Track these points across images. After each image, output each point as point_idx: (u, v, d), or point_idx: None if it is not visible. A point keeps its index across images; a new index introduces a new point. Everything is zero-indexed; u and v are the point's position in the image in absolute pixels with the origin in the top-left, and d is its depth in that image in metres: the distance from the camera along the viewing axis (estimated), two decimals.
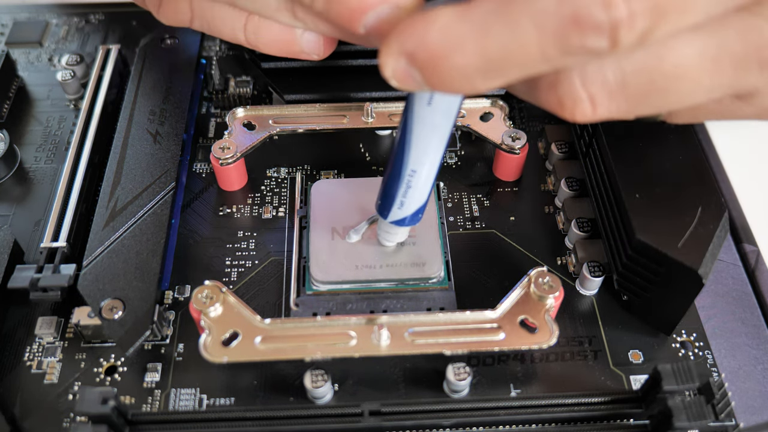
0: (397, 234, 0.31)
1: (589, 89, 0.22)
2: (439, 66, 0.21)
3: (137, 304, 0.30)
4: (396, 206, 0.29)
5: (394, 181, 0.28)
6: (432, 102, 0.25)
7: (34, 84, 0.43)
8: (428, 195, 0.29)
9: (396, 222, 0.30)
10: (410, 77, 0.22)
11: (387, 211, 0.30)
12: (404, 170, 0.27)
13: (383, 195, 0.29)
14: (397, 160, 0.27)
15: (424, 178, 0.28)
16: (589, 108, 0.22)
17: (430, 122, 0.26)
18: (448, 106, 0.25)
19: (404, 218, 0.30)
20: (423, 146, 0.27)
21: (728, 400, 0.27)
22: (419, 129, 0.26)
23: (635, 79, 0.22)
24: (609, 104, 0.22)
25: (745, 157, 0.40)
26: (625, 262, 0.30)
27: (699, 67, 0.22)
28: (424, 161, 0.27)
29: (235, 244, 0.35)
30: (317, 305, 0.31)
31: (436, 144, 0.27)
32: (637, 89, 0.22)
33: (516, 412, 0.27)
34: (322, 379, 0.29)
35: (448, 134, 0.27)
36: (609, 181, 0.31)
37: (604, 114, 0.23)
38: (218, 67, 0.43)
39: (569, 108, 0.22)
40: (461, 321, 0.29)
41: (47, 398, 0.30)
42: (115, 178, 0.34)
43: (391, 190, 0.29)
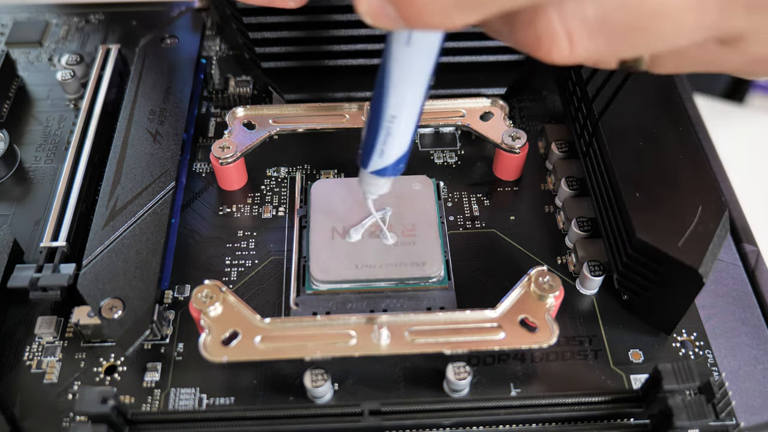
0: (379, 185, 0.30)
1: (567, 25, 0.21)
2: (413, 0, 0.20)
3: (137, 303, 0.30)
4: (376, 155, 0.28)
5: (374, 127, 0.27)
6: (410, 42, 0.24)
7: (34, 84, 0.43)
8: (409, 143, 0.28)
9: (377, 172, 0.29)
10: (385, 13, 0.21)
11: (368, 160, 0.29)
12: (384, 116, 0.27)
13: (363, 144, 0.29)
14: (377, 105, 0.27)
15: (404, 125, 0.27)
16: (566, 46, 0.22)
17: (409, 64, 0.25)
18: (427, 46, 0.24)
19: (385, 168, 0.29)
20: (402, 90, 0.26)
21: (728, 400, 0.27)
22: (398, 72, 0.25)
23: (616, 16, 0.21)
24: (588, 43, 0.22)
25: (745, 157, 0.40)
26: (626, 262, 0.30)
27: (682, 5, 0.21)
28: (404, 106, 0.26)
29: (235, 243, 0.35)
30: (317, 305, 0.31)
31: (416, 87, 0.26)
32: (617, 27, 0.21)
33: (516, 411, 0.27)
34: (322, 379, 0.29)
35: (428, 77, 0.26)
36: (609, 181, 0.31)
37: (583, 53, 0.22)
38: (218, 67, 0.43)
39: (546, 45, 0.22)
40: (461, 320, 0.29)
41: (47, 398, 0.30)
42: (115, 178, 0.34)
43: (371, 138, 0.28)
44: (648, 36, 0.22)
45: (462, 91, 0.38)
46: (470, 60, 0.39)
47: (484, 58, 0.39)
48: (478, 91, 0.38)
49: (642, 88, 0.33)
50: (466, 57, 0.39)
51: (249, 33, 0.38)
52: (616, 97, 0.33)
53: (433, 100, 0.38)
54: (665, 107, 0.33)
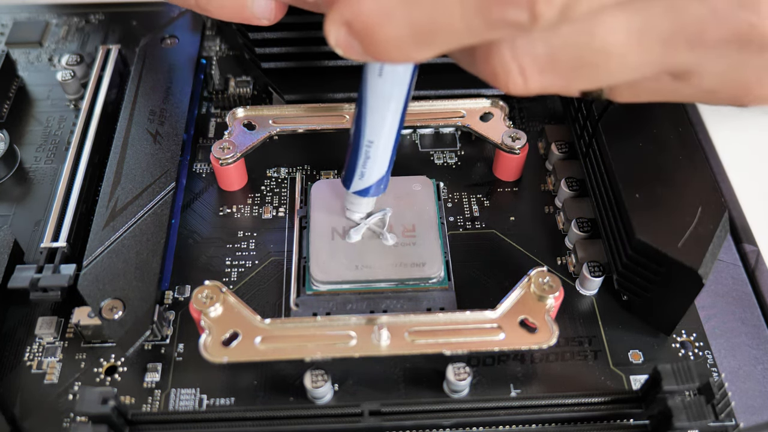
0: (361, 205, 0.32)
1: (519, 62, 0.22)
2: (373, 36, 0.22)
3: (137, 304, 0.30)
4: (357, 176, 0.30)
5: (354, 151, 0.29)
6: (382, 73, 0.26)
7: (34, 84, 0.43)
8: (388, 166, 0.30)
9: (359, 192, 0.31)
10: (351, 47, 0.22)
11: (349, 182, 0.31)
12: (362, 141, 0.28)
13: (346, 166, 0.30)
14: (356, 131, 0.28)
15: (382, 149, 0.29)
16: (520, 80, 0.23)
17: (382, 93, 0.26)
18: (398, 77, 0.26)
19: (367, 188, 0.31)
20: (378, 117, 0.27)
21: (728, 400, 0.27)
22: (373, 100, 0.27)
23: (564, 53, 0.22)
24: (540, 77, 0.23)
25: (745, 157, 0.40)
26: (625, 262, 0.30)
27: (626, 43, 0.22)
28: (381, 132, 0.28)
29: (235, 244, 0.35)
30: (317, 305, 0.31)
31: (391, 115, 0.27)
32: (566, 63, 0.22)
33: (516, 412, 0.27)
34: (322, 379, 0.29)
35: (402, 105, 0.27)
36: (609, 181, 0.31)
37: (537, 86, 0.23)
38: (218, 67, 0.43)
39: (502, 79, 0.23)
40: (461, 321, 0.29)
41: (47, 398, 0.30)
42: (115, 178, 0.34)
43: (352, 161, 0.30)
44: (596, 71, 0.23)
45: (462, 92, 0.38)
46: None
47: None
48: (478, 91, 0.38)
49: None
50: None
51: (249, 33, 0.38)
52: None
53: (433, 100, 0.38)
54: (665, 107, 0.33)
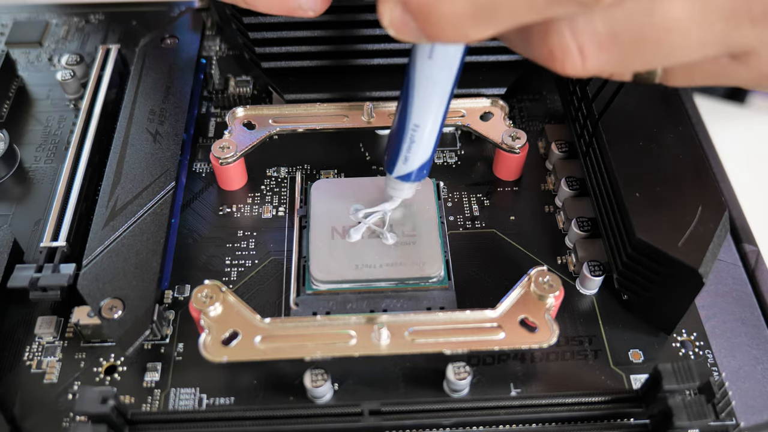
0: (403, 190, 0.32)
1: (578, 40, 0.22)
2: (431, 13, 0.21)
3: (137, 303, 0.30)
4: (401, 161, 0.30)
5: (399, 136, 0.29)
6: (433, 55, 0.26)
7: (34, 84, 0.43)
8: (432, 151, 0.30)
9: (401, 177, 0.31)
10: (406, 26, 0.22)
11: (393, 166, 0.30)
12: (407, 125, 0.28)
13: (389, 150, 0.30)
14: (401, 115, 0.28)
15: (427, 134, 0.29)
16: (578, 59, 0.22)
17: (431, 76, 0.26)
18: (448, 60, 0.26)
19: (410, 173, 0.30)
20: (425, 101, 0.27)
21: (728, 400, 0.27)
22: (421, 83, 0.27)
23: (625, 30, 0.22)
24: (599, 56, 0.22)
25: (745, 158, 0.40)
26: (626, 261, 0.30)
27: (688, 19, 0.22)
28: (427, 116, 0.28)
29: (235, 243, 0.35)
30: (317, 305, 0.31)
31: (438, 98, 0.27)
32: (627, 41, 0.22)
33: (516, 411, 0.27)
34: (322, 379, 0.29)
35: (450, 89, 0.27)
36: (609, 181, 0.31)
37: (595, 66, 0.23)
38: (218, 67, 0.43)
39: (559, 59, 0.23)
40: (461, 320, 0.29)
41: (47, 398, 0.30)
42: (115, 178, 0.34)
43: (396, 145, 0.29)
44: (657, 50, 0.23)
45: (462, 91, 0.38)
46: (470, 60, 0.39)
47: (484, 58, 0.39)
48: (478, 91, 0.38)
49: (642, 88, 0.33)
50: (466, 57, 0.39)
51: (249, 33, 0.38)
52: (616, 97, 0.33)
53: None
54: (665, 107, 0.33)
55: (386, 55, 0.39)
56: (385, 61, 0.39)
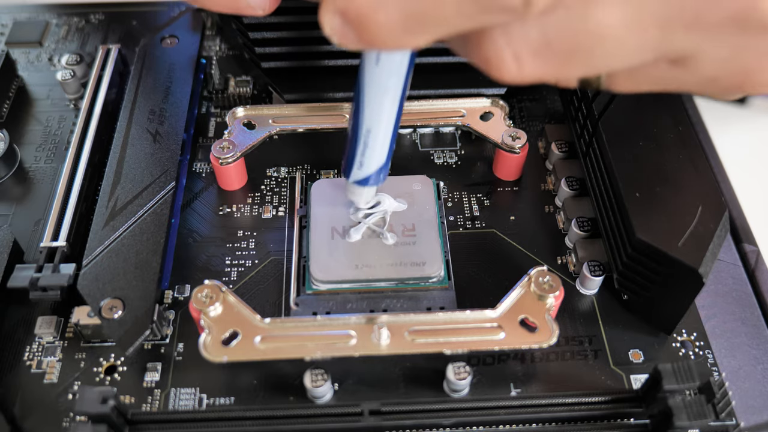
0: (362, 194, 0.32)
1: (513, 47, 0.22)
2: (366, 23, 0.22)
3: (137, 303, 0.30)
4: (356, 166, 0.30)
5: (353, 141, 0.29)
6: (379, 61, 0.26)
7: (34, 84, 0.43)
8: (387, 155, 0.30)
9: (359, 182, 0.31)
10: (346, 35, 0.23)
11: (349, 171, 0.31)
12: (360, 130, 0.28)
13: (346, 155, 0.30)
14: (354, 120, 0.29)
15: (381, 138, 0.29)
16: (514, 66, 0.23)
17: (379, 82, 0.27)
18: (394, 66, 0.26)
19: (366, 178, 0.31)
20: (376, 106, 0.27)
21: (728, 400, 0.27)
22: (370, 89, 0.27)
23: (558, 37, 0.22)
24: (534, 63, 0.22)
25: (746, 158, 0.40)
26: (626, 262, 0.30)
27: (621, 26, 0.22)
28: (379, 121, 0.28)
29: (235, 243, 0.35)
30: (317, 305, 0.31)
31: (389, 103, 0.27)
32: (561, 48, 0.22)
33: (516, 411, 0.27)
34: (322, 379, 0.29)
35: (400, 94, 0.27)
36: (609, 181, 0.31)
37: (531, 73, 0.23)
38: (218, 67, 0.43)
39: (495, 66, 0.23)
40: (461, 320, 0.29)
41: (47, 398, 0.30)
42: (115, 178, 0.34)
43: (351, 151, 0.30)
44: (592, 57, 0.23)
45: (462, 91, 0.38)
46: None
47: None
48: (478, 91, 0.38)
49: None
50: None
51: (249, 33, 0.38)
52: (616, 97, 0.33)
53: (433, 100, 0.38)
54: (665, 107, 0.33)
55: None
56: None
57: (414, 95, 0.38)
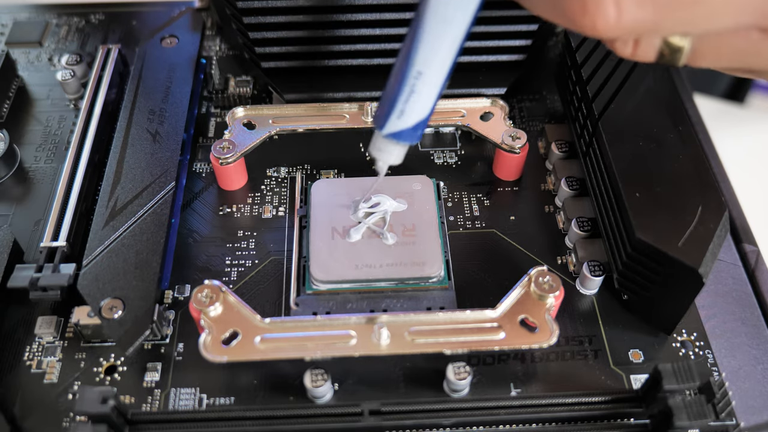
0: (392, 153, 0.29)
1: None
2: None
3: (137, 303, 0.30)
4: (395, 114, 0.27)
5: (397, 84, 0.26)
6: None
7: (34, 84, 0.43)
8: (431, 106, 0.27)
9: (393, 135, 0.28)
10: None
11: (385, 120, 0.27)
12: (410, 70, 0.25)
13: (383, 101, 0.27)
14: (403, 59, 0.26)
15: (429, 84, 0.26)
16: (613, 12, 0.21)
17: (444, 14, 0.24)
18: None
19: (402, 131, 0.27)
20: (433, 44, 0.25)
21: (729, 400, 0.27)
22: (432, 22, 0.24)
23: None
24: (635, 11, 0.22)
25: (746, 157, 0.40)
26: (626, 261, 0.30)
27: None
28: (433, 63, 0.25)
29: (235, 243, 0.35)
30: (317, 305, 0.31)
31: (447, 44, 0.25)
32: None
33: (516, 411, 0.27)
34: (322, 379, 0.29)
35: (462, 35, 0.25)
36: (609, 181, 0.31)
37: (629, 22, 0.22)
38: (218, 67, 0.43)
39: (592, 11, 0.22)
40: (461, 320, 0.29)
41: (47, 398, 0.30)
42: (115, 178, 0.34)
43: (392, 96, 0.26)
44: (696, 10, 0.22)
45: (462, 91, 0.38)
46: (470, 60, 0.39)
47: (484, 58, 0.39)
48: (478, 91, 0.38)
49: (642, 88, 0.33)
50: (466, 57, 0.39)
51: (249, 33, 0.38)
52: (616, 97, 0.33)
53: None
54: (665, 107, 0.33)
55: (386, 55, 0.39)
56: (385, 61, 0.39)
57: None
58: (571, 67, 0.37)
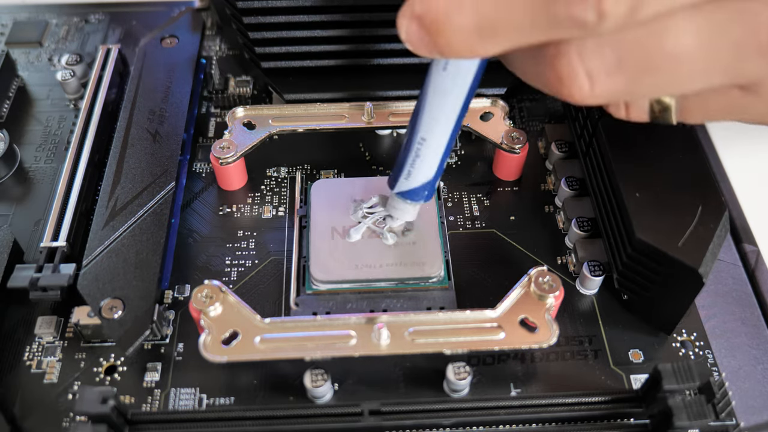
0: (405, 211, 0.31)
1: (586, 64, 0.22)
2: (442, 27, 0.22)
3: (137, 303, 0.30)
4: (403, 175, 0.30)
5: (405, 148, 0.29)
6: (447, 67, 0.26)
7: (34, 84, 0.43)
8: (436, 170, 0.29)
9: (402, 194, 0.30)
10: (421, 40, 0.23)
11: (395, 181, 0.30)
12: (415, 137, 0.28)
13: (395, 165, 0.30)
14: (411, 128, 0.28)
15: (433, 149, 0.28)
16: (587, 84, 0.23)
17: (443, 88, 0.27)
18: (461, 73, 0.26)
19: (410, 191, 0.30)
20: (435, 113, 0.27)
21: (728, 400, 0.27)
22: (432, 95, 0.27)
23: (632, 56, 0.22)
24: (607, 81, 0.23)
25: (746, 158, 0.40)
26: (626, 261, 0.30)
27: (695, 47, 0.22)
28: (435, 130, 0.28)
29: (235, 243, 0.35)
30: (317, 305, 0.31)
31: (447, 113, 0.27)
32: (634, 67, 0.22)
33: (516, 411, 0.27)
34: (322, 379, 0.29)
35: (460, 105, 0.27)
36: (609, 181, 0.31)
37: (603, 92, 0.23)
38: (218, 67, 0.43)
39: (567, 84, 0.23)
40: (461, 320, 0.29)
41: (47, 398, 0.30)
42: (115, 178, 0.34)
43: (401, 159, 0.29)
44: (664, 77, 0.23)
45: None
46: None
47: None
48: (478, 91, 0.38)
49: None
50: None
51: (249, 33, 0.38)
52: None
53: None
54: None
55: (386, 55, 0.39)
56: (386, 61, 0.39)
57: (414, 95, 0.38)
58: None
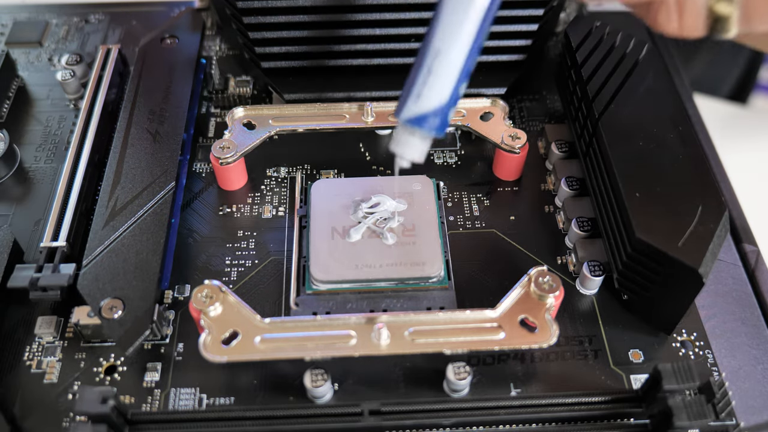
0: (411, 146, 0.27)
1: None
2: None
3: (137, 303, 0.30)
4: (412, 98, 0.26)
5: (416, 66, 0.25)
6: None
7: (34, 84, 0.43)
8: (451, 94, 0.26)
9: (410, 121, 0.26)
10: None
11: (402, 105, 0.26)
12: (428, 50, 0.25)
13: (403, 90, 0.26)
14: (424, 40, 0.25)
15: (448, 65, 0.25)
16: None
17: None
18: None
19: (420, 117, 0.26)
20: (454, 22, 0.24)
21: (728, 400, 0.27)
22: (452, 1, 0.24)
23: None
24: None
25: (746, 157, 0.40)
26: (626, 261, 0.30)
27: None
28: (452, 41, 0.24)
29: (235, 243, 0.35)
30: (317, 305, 0.31)
31: (469, 23, 0.24)
32: None
33: (516, 411, 0.27)
34: (322, 379, 0.29)
35: (482, 15, 0.24)
36: (609, 181, 0.31)
37: None
38: (218, 67, 0.43)
39: None
40: (461, 320, 0.29)
41: (47, 398, 0.30)
42: (115, 178, 0.34)
43: (411, 79, 0.26)
44: None
45: None
46: None
47: (484, 58, 0.39)
48: (478, 91, 0.38)
49: (642, 88, 0.33)
50: None
51: (249, 33, 0.38)
52: (616, 97, 0.33)
53: None
54: (665, 107, 0.33)
55: (386, 55, 0.39)
56: (385, 61, 0.39)
57: None
58: (571, 67, 0.37)
